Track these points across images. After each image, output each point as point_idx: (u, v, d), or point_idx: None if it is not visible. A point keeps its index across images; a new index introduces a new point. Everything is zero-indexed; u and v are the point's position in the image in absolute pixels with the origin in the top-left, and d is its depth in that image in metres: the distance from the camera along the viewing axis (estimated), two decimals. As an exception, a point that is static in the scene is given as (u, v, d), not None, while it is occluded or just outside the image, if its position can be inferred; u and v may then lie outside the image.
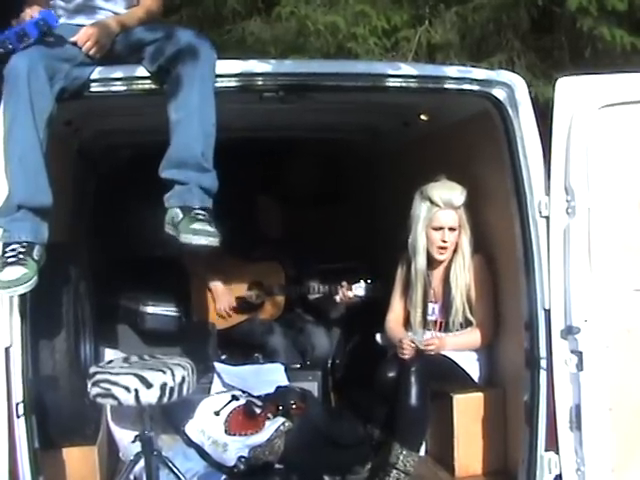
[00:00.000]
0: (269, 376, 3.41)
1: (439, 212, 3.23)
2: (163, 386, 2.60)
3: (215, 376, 3.38)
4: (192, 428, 3.06)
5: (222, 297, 4.02)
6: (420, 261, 3.28)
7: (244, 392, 3.23)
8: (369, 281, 3.92)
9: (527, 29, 6.06)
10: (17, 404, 2.35)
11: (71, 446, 2.79)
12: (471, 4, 5.97)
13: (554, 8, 5.64)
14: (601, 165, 2.62)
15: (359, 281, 3.90)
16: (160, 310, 3.79)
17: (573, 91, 2.61)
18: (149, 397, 2.58)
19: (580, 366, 2.59)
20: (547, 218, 2.66)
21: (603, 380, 2.60)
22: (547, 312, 2.65)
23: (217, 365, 3.44)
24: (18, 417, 2.34)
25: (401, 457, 2.89)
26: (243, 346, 3.98)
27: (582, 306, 2.60)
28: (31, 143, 2.26)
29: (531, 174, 2.69)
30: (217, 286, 4.05)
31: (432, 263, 3.29)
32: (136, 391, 2.57)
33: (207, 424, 3.04)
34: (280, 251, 4.15)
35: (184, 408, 3.12)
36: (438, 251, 3.24)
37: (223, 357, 3.83)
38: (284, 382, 3.38)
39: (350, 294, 3.89)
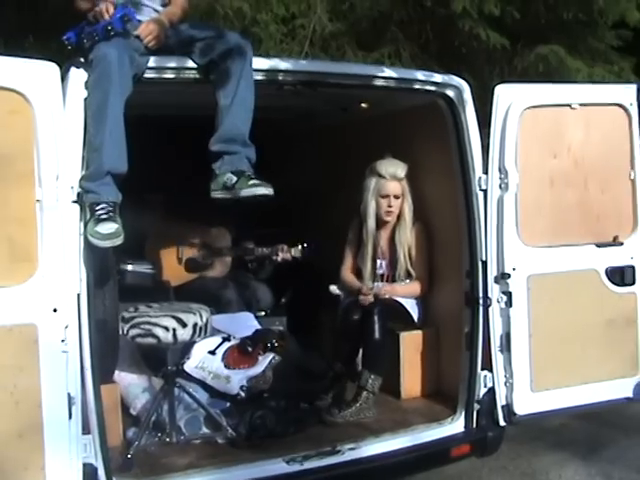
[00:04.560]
0: (244, 322, 4.00)
1: (386, 183, 3.95)
2: (195, 326, 3.14)
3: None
4: (191, 366, 3.58)
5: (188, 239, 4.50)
6: (370, 223, 3.99)
7: (229, 335, 3.79)
8: (305, 244, 4.59)
9: (409, 23, 6.90)
10: (87, 343, 2.78)
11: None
12: (363, -3, 6.70)
13: (437, 8, 6.50)
14: (526, 151, 3.43)
15: (297, 245, 4.56)
16: (138, 268, 4.22)
17: (508, 95, 3.39)
18: (184, 335, 3.11)
19: (509, 303, 3.39)
20: (485, 191, 3.41)
21: (526, 313, 3.41)
22: (484, 263, 3.42)
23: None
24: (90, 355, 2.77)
25: (370, 381, 3.60)
26: (196, 301, 4.49)
27: (511, 258, 3.39)
28: (118, 119, 2.70)
29: (473, 157, 3.45)
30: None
31: (380, 226, 4.02)
32: (174, 330, 3.08)
33: (205, 362, 3.58)
34: (226, 217, 4.69)
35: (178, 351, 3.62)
36: (386, 215, 3.96)
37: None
38: (258, 326, 3.98)
39: (289, 255, 4.54)
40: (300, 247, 4.52)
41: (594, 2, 6.29)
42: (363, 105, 4.14)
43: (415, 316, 3.95)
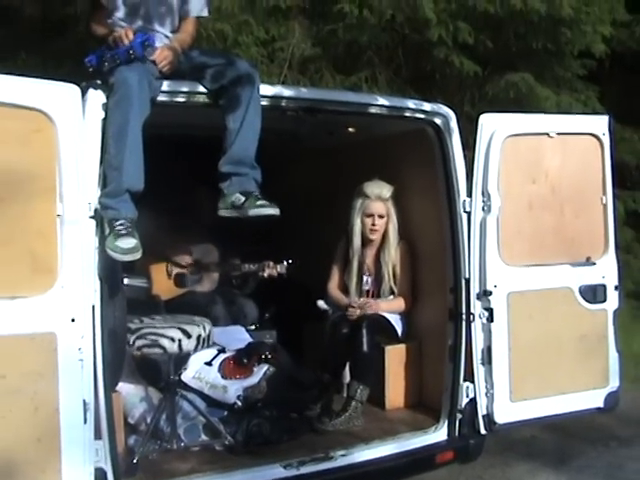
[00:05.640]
0: (236, 335, 4.16)
1: (371, 203, 4.17)
2: (199, 337, 3.29)
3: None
4: (188, 377, 3.72)
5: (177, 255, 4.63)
6: (356, 241, 4.21)
7: (223, 347, 3.94)
8: (290, 261, 4.77)
9: (385, 49, 7.14)
10: (100, 352, 2.91)
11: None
12: (341, 23, 6.92)
13: (413, 35, 6.77)
14: (507, 177, 3.67)
15: (282, 261, 4.73)
16: (133, 282, 4.33)
17: (491, 124, 3.63)
18: (189, 346, 3.26)
19: (490, 318, 3.60)
20: (468, 213, 3.63)
21: (506, 328, 3.63)
22: (467, 280, 3.64)
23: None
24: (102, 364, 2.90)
25: (359, 391, 3.79)
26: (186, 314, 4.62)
27: (492, 276, 3.62)
28: (137, 140, 2.86)
29: (459, 181, 3.68)
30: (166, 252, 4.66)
31: (366, 244, 4.23)
32: (179, 341, 3.23)
33: (202, 372, 3.72)
34: (214, 235, 4.85)
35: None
36: (370, 233, 4.19)
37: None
38: (250, 339, 4.14)
39: (275, 272, 4.70)
40: (285, 263, 4.70)
41: (562, 33, 6.61)
42: (350, 130, 4.34)
43: (399, 330, 4.15)
